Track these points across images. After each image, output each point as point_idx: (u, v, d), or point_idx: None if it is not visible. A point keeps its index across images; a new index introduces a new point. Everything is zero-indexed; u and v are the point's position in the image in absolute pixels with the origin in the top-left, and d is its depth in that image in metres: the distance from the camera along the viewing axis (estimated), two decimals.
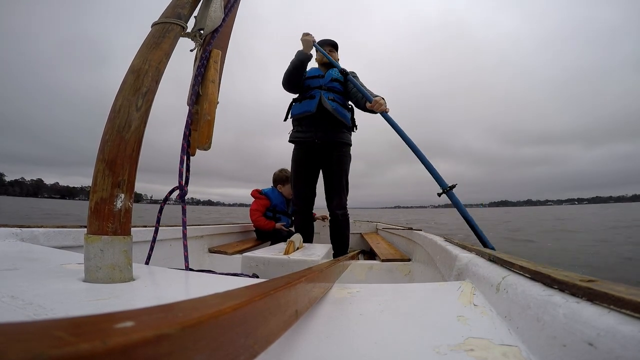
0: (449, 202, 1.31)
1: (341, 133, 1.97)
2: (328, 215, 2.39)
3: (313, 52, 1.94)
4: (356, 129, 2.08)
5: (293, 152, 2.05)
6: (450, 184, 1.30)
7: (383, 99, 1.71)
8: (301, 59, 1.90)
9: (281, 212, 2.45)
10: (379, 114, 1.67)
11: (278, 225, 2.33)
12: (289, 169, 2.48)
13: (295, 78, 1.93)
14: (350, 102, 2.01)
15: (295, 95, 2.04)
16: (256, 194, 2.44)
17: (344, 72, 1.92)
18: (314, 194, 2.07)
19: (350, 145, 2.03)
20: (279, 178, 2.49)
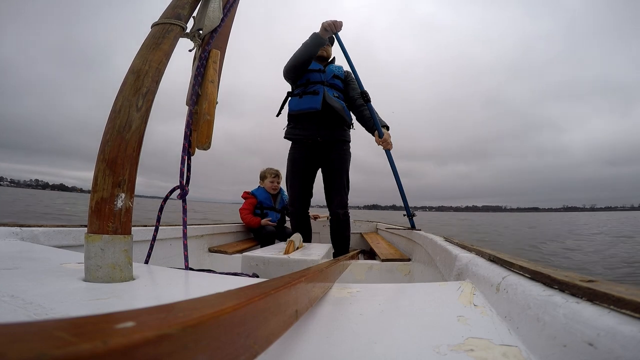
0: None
1: (343, 131, 1.94)
2: (318, 215, 2.39)
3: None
4: (353, 126, 2.03)
5: (290, 150, 1.98)
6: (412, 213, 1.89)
7: (389, 136, 1.85)
8: (317, 44, 1.76)
9: (268, 207, 2.51)
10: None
11: (264, 221, 2.37)
12: (267, 166, 2.57)
13: (303, 64, 1.81)
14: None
15: (290, 89, 1.97)
16: (245, 194, 2.54)
17: (365, 98, 1.87)
18: (310, 194, 2.02)
19: (350, 142, 1.99)
20: (260, 175, 2.59)
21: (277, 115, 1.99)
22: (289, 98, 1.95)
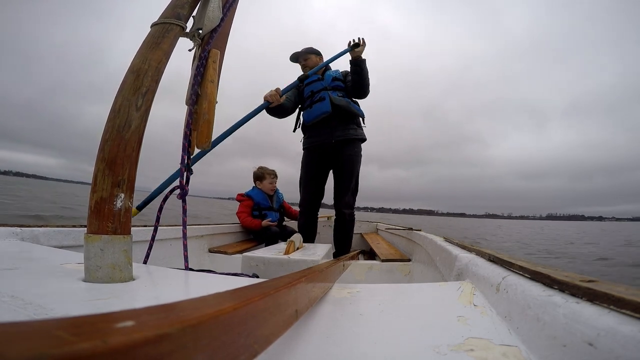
0: None
1: (355, 129, 1.97)
2: (272, 224, 2.39)
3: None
4: (364, 123, 2.05)
5: (304, 155, 2.07)
6: None
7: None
8: (266, 107, 1.86)
9: (266, 208, 2.49)
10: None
11: (264, 222, 2.34)
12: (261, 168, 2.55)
13: (281, 115, 1.95)
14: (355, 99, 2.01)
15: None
16: (239, 197, 2.49)
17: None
18: (321, 196, 2.08)
19: (363, 140, 2.01)
20: (256, 176, 2.54)
21: (294, 131, 2.11)
22: (301, 112, 2.05)
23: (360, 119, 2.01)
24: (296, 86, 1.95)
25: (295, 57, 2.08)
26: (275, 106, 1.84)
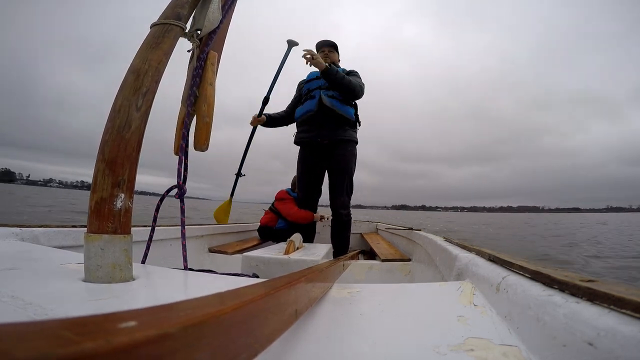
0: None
1: (345, 130, 1.96)
2: (326, 216, 2.39)
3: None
4: (360, 124, 2.07)
5: (299, 153, 2.09)
6: None
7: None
8: (253, 130, 2.29)
9: None
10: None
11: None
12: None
13: (280, 124, 2.16)
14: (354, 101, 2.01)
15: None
16: (286, 194, 2.37)
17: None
18: (318, 195, 2.09)
19: (356, 142, 2.01)
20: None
21: (287, 124, 2.19)
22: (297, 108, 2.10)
23: (353, 122, 1.99)
24: (297, 91, 2.14)
25: (319, 46, 2.03)
26: (269, 120, 2.14)
